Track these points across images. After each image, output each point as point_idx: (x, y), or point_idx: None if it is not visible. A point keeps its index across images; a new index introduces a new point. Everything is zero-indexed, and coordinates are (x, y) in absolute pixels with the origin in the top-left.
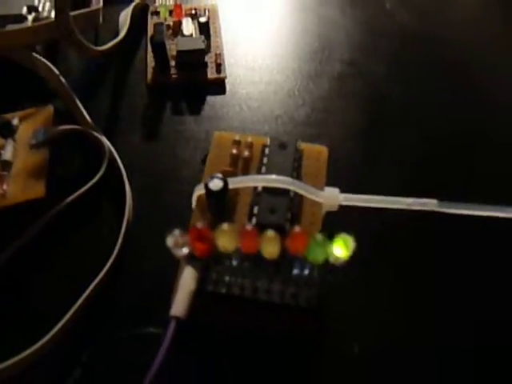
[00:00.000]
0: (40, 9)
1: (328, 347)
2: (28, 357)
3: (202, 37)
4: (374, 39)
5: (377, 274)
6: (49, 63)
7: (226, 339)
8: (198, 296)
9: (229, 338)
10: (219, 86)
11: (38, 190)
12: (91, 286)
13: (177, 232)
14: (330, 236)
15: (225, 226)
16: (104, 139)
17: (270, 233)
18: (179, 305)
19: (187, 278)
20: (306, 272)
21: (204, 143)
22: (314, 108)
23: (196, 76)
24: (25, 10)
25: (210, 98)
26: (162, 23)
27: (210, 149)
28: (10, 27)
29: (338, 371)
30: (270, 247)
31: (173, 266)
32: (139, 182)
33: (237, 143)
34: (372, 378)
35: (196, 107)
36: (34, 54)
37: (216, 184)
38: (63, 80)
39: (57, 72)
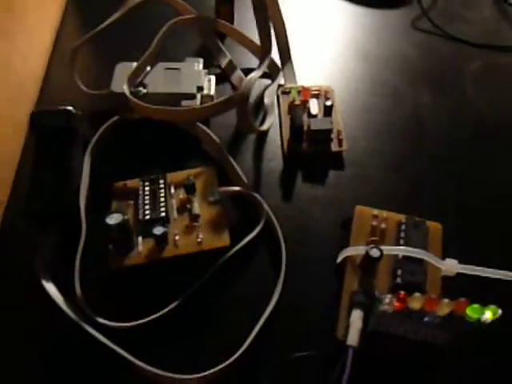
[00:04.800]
0: (205, 88)
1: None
2: (222, 369)
3: (330, 118)
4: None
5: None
6: (211, 132)
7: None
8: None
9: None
10: (340, 157)
11: (224, 239)
12: (261, 320)
13: (389, 296)
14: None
15: (417, 294)
16: (261, 199)
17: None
18: (353, 337)
19: (356, 319)
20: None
21: (332, 206)
22: (413, 182)
23: (322, 148)
24: (194, 89)
25: (332, 167)
26: (299, 107)
27: (354, 220)
28: (185, 103)
29: None
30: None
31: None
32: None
33: (375, 217)
34: None
35: (322, 174)
36: (198, 124)
37: (374, 252)
38: (222, 147)
39: (217, 140)
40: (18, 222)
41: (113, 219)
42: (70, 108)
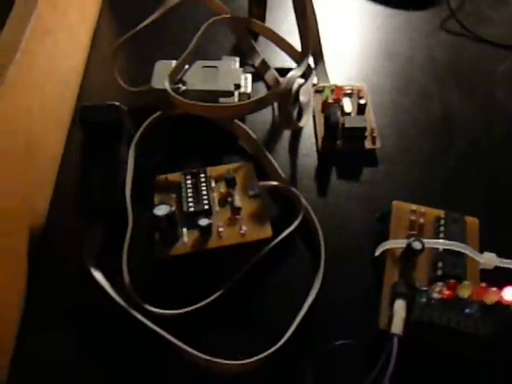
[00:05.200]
0: (242, 86)
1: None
2: (268, 355)
3: (364, 116)
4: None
5: None
6: (249, 130)
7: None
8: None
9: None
10: (373, 155)
11: (266, 231)
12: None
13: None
14: None
15: (466, 282)
16: (299, 194)
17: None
18: (398, 325)
19: (400, 308)
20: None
21: (367, 202)
22: (445, 179)
23: (356, 146)
24: (232, 86)
25: (366, 164)
26: (335, 106)
27: (392, 215)
28: (223, 100)
29: None
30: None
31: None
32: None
33: (413, 212)
34: None
35: (356, 171)
36: (235, 120)
37: (416, 245)
38: (260, 143)
39: (255, 137)
40: (66, 215)
41: (161, 210)
42: (118, 103)
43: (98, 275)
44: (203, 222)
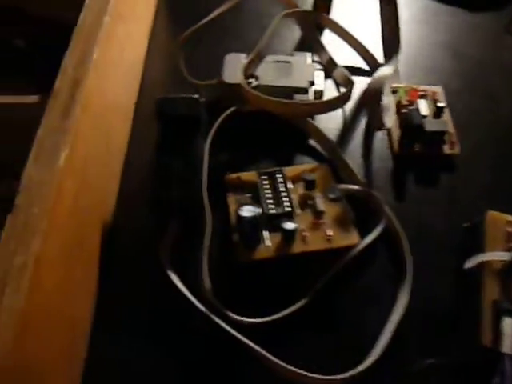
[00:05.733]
0: (316, 83)
1: None
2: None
3: (445, 121)
4: None
5: None
6: (321, 129)
7: None
8: None
9: None
10: (450, 159)
11: (353, 237)
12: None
13: None
14: None
15: None
16: (382, 200)
17: None
18: (509, 344)
19: (509, 327)
20: None
21: (449, 209)
22: None
23: (435, 150)
24: (307, 83)
25: (444, 169)
26: (416, 109)
27: (485, 225)
28: (298, 97)
29: None
30: None
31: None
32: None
33: (510, 223)
34: None
35: (435, 176)
36: (309, 119)
37: None
38: (335, 144)
39: (330, 137)
40: (133, 211)
41: (246, 211)
42: (197, 96)
43: (175, 278)
44: (289, 225)
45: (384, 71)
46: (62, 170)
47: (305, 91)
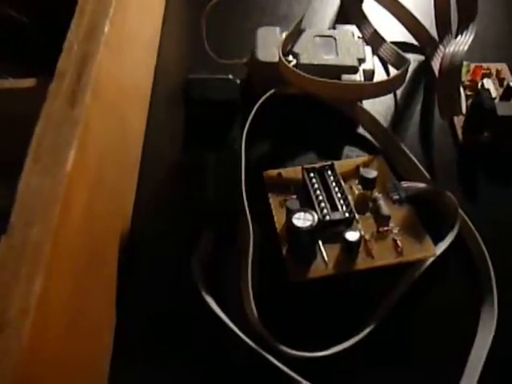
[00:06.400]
0: (367, 60)
1: None
2: None
3: None
4: None
5: None
6: (376, 117)
7: None
8: None
9: None
10: None
11: (429, 248)
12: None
13: None
14: None
15: None
16: (456, 201)
17: None
18: None
19: None
20: None
21: None
22: None
23: (508, 139)
24: (356, 61)
25: None
26: (488, 90)
27: None
28: (346, 78)
29: None
30: None
31: None
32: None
33: None
34: None
35: (507, 169)
36: (360, 105)
37: None
38: (391, 133)
39: (384, 125)
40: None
41: (302, 220)
42: (232, 77)
43: (212, 303)
44: (352, 236)
45: (461, 44)
46: (69, 174)
47: (354, 70)
